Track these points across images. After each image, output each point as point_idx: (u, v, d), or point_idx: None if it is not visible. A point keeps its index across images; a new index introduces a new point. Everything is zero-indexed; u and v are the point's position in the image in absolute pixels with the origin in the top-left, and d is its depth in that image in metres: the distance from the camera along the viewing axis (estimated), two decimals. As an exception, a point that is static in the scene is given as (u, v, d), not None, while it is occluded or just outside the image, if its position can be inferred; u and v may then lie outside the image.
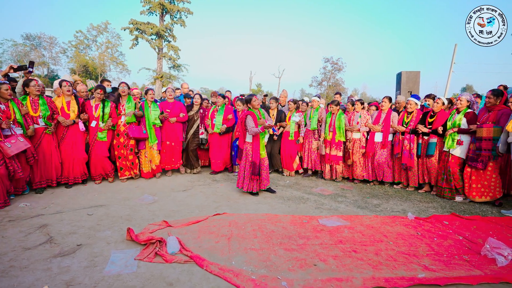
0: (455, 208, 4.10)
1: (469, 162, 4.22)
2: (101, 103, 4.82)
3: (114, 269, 2.31)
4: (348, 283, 2.20)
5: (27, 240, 2.77)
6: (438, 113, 4.71)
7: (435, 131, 4.61)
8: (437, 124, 4.61)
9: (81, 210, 3.63)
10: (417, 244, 2.90)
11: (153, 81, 26.05)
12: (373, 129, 5.21)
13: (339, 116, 5.39)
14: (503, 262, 2.49)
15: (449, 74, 17.34)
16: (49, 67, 30.99)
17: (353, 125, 5.40)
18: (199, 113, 5.91)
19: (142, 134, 5.11)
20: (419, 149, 4.80)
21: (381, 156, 5.15)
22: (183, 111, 5.63)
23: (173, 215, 3.59)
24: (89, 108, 4.78)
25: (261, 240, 2.92)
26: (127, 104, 5.06)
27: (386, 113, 5.18)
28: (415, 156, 4.82)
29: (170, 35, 25.89)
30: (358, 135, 5.39)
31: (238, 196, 4.48)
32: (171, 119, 5.45)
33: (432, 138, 4.67)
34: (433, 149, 4.65)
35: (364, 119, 5.36)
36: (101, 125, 4.76)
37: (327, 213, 3.82)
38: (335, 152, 5.44)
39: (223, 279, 2.23)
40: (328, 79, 36.10)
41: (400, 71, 10.71)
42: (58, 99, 4.58)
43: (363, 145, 5.34)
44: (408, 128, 4.90)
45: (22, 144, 3.79)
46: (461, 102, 4.43)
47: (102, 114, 4.77)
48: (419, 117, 4.89)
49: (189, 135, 5.84)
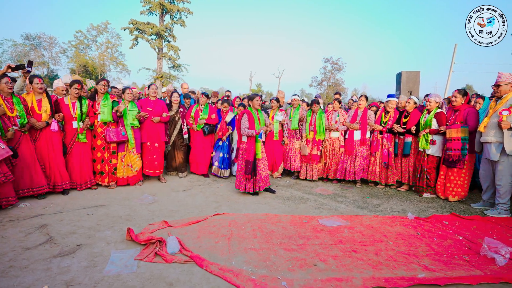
0: (455, 208, 4.10)
1: (447, 163, 4.33)
2: (77, 101, 4.36)
3: (114, 269, 2.31)
4: (348, 283, 2.20)
5: (27, 240, 2.77)
6: (411, 113, 4.90)
7: (409, 131, 4.79)
8: (410, 124, 4.80)
9: (81, 210, 3.63)
10: (417, 244, 2.90)
11: (153, 81, 26.06)
12: (351, 128, 5.31)
13: (319, 115, 5.43)
14: (501, 261, 2.49)
15: (449, 74, 17.35)
16: (49, 67, 30.95)
17: (331, 124, 5.48)
18: (180, 112, 5.57)
19: (121, 137, 4.59)
20: (396, 148, 5.00)
21: (362, 153, 5.26)
22: (165, 111, 5.21)
23: (173, 215, 3.59)
24: (64, 107, 4.30)
25: (261, 240, 2.92)
26: (102, 102, 4.55)
27: (363, 111, 5.30)
28: (393, 154, 5.03)
29: (170, 35, 25.89)
30: (336, 134, 5.47)
31: (238, 196, 4.48)
32: (154, 118, 4.99)
33: (408, 137, 4.87)
34: (408, 148, 4.85)
35: (342, 118, 5.47)
36: (79, 125, 4.33)
37: (327, 213, 3.82)
38: (315, 152, 5.51)
39: (223, 279, 2.23)
40: (328, 79, 36.09)
41: (400, 71, 10.70)
42: (28, 97, 4.04)
43: (342, 144, 5.43)
44: (386, 127, 5.09)
45: (3, 152, 3.31)
46: (430, 103, 4.58)
47: (80, 113, 4.33)
48: (396, 117, 5.09)
49: (173, 136, 5.49)
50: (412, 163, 4.87)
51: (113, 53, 32.25)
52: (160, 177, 5.28)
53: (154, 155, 5.10)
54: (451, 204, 4.30)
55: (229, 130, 5.61)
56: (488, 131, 3.82)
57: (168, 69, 27.02)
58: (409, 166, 4.91)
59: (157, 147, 5.11)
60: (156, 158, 5.11)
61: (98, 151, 4.61)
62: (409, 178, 4.94)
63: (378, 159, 5.17)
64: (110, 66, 32.31)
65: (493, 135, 3.76)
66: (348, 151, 5.33)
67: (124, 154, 4.75)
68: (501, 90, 3.76)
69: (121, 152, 4.73)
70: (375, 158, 5.20)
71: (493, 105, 3.87)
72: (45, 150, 4.11)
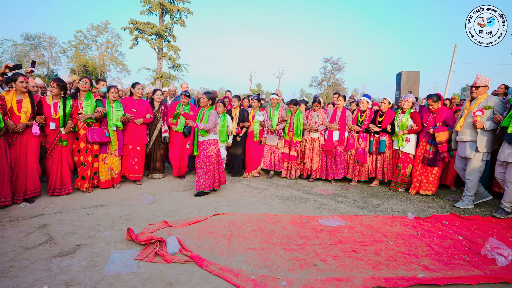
0: (454, 208, 4.11)
1: (429, 162, 4.57)
2: (60, 101, 4.05)
3: (114, 269, 2.31)
4: (348, 283, 2.20)
5: (27, 240, 2.77)
6: (386, 112, 5.11)
7: (384, 130, 5.01)
8: (386, 123, 5.03)
9: (81, 210, 3.63)
10: (417, 244, 2.90)
11: (153, 81, 26.07)
12: (330, 128, 5.40)
13: (297, 116, 5.46)
14: (503, 262, 2.49)
15: (449, 74, 17.35)
16: (49, 67, 30.97)
17: (311, 124, 5.55)
18: (161, 110, 5.34)
19: (104, 138, 4.37)
20: (371, 147, 5.18)
21: (341, 152, 5.41)
22: (149, 112, 5.02)
23: (173, 215, 3.59)
24: (46, 107, 3.97)
25: (261, 240, 2.92)
26: (85, 101, 4.29)
27: (341, 111, 5.42)
28: (368, 153, 5.23)
29: (170, 35, 25.91)
30: (316, 134, 5.54)
31: (238, 196, 4.48)
32: (137, 120, 4.81)
33: (383, 136, 5.08)
34: (383, 147, 5.07)
35: (321, 118, 5.55)
36: (62, 131, 4.01)
37: (327, 213, 3.82)
38: (293, 153, 5.59)
39: (223, 279, 2.23)
40: (328, 79, 36.12)
41: (400, 71, 10.70)
42: (8, 96, 3.69)
43: (322, 144, 5.50)
44: (362, 127, 5.26)
45: None
46: (407, 103, 4.85)
47: (63, 115, 4.01)
48: (371, 117, 5.27)
49: (154, 136, 5.25)
50: (387, 160, 5.10)
51: (113, 53, 32.27)
52: (137, 182, 4.99)
53: (136, 158, 4.91)
54: (451, 204, 4.31)
55: None
56: (463, 130, 4.06)
57: (168, 69, 27.06)
58: (383, 163, 5.13)
59: (138, 150, 4.93)
60: (137, 162, 4.92)
61: (81, 154, 4.32)
62: (383, 174, 5.16)
63: (352, 157, 5.36)
64: (110, 66, 32.35)
65: (468, 134, 4.01)
66: (327, 151, 5.43)
67: (106, 156, 4.54)
68: (478, 91, 3.99)
69: (102, 154, 4.50)
70: (350, 156, 5.39)
71: (467, 106, 4.09)
72: (20, 156, 3.75)
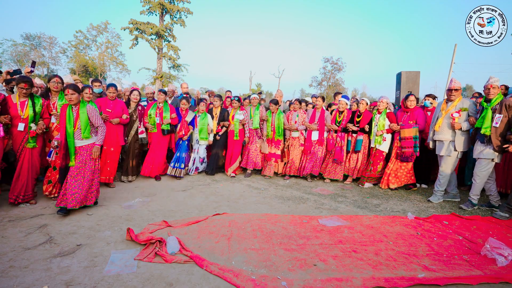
0: (454, 208, 4.11)
1: (401, 158, 4.78)
2: (28, 99, 3.75)
3: (114, 269, 2.31)
4: (348, 283, 2.20)
5: (27, 240, 2.77)
6: (364, 113, 5.30)
7: (362, 129, 5.20)
8: (363, 123, 5.23)
9: (81, 210, 3.62)
10: (417, 244, 2.90)
11: (153, 81, 26.06)
12: (310, 128, 5.51)
13: (278, 115, 5.58)
14: (503, 262, 2.49)
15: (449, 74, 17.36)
16: (49, 67, 30.98)
17: (291, 124, 5.66)
18: (138, 110, 5.18)
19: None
20: (349, 145, 5.36)
21: (318, 152, 5.50)
22: (125, 112, 4.86)
23: (172, 215, 3.59)
24: (12, 106, 3.66)
25: (261, 240, 2.92)
26: (59, 101, 4.03)
27: (320, 111, 5.54)
28: (345, 151, 5.39)
29: (170, 35, 25.90)
30: (297, 134, 5.67)
31: (237, 196, 4.48)
32: (113, 120, 4.66)
33: (360, 135, 5.25)
34: (360, 145, 5.24)
35: (301, 118, 5.66)
36: (32, 127, 3.71)
37: (327, 213, 3.82)
38: (274, 150, 5.68)
39: (223, 279, 2.23)
40: (328, 79, 36.13)
41: (400, 71, 10.69)
42: None
43: (302, 143, 5.63)
44: (341, 126, 5.42)
45: None
46: (382, 103, 5.05)
47: (33, 114, 3.73)
48: (349, 117, 5.43)
49: (131, 137, 5.09)
50: (361, 159, 5.28)
51: (113, 53, 32.30)
52: (110, 184, 4.75)
53: (108, 160, 4.67)
54: (451, 204, 4.31)
55: (190, 129, 5.59)
56: (441, 131, 4.25)
57: (168, 69, 27.05)
58: (357, 161, 5.30)
59: (112, 151, 4.71)
60: (109, 163, 4.70)
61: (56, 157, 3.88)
62: (358, 172, 5.30)
63: (331, 155, 5.46)
64: (110, 66, 32.39)
65: (447, 134, 4.21)
66: (305, 151, 5.55)
67: None
68: (455, 94, 4.20)
69: None
70: (329, 155, 5.50)
71: (444, 107, 4.29)
72: None
